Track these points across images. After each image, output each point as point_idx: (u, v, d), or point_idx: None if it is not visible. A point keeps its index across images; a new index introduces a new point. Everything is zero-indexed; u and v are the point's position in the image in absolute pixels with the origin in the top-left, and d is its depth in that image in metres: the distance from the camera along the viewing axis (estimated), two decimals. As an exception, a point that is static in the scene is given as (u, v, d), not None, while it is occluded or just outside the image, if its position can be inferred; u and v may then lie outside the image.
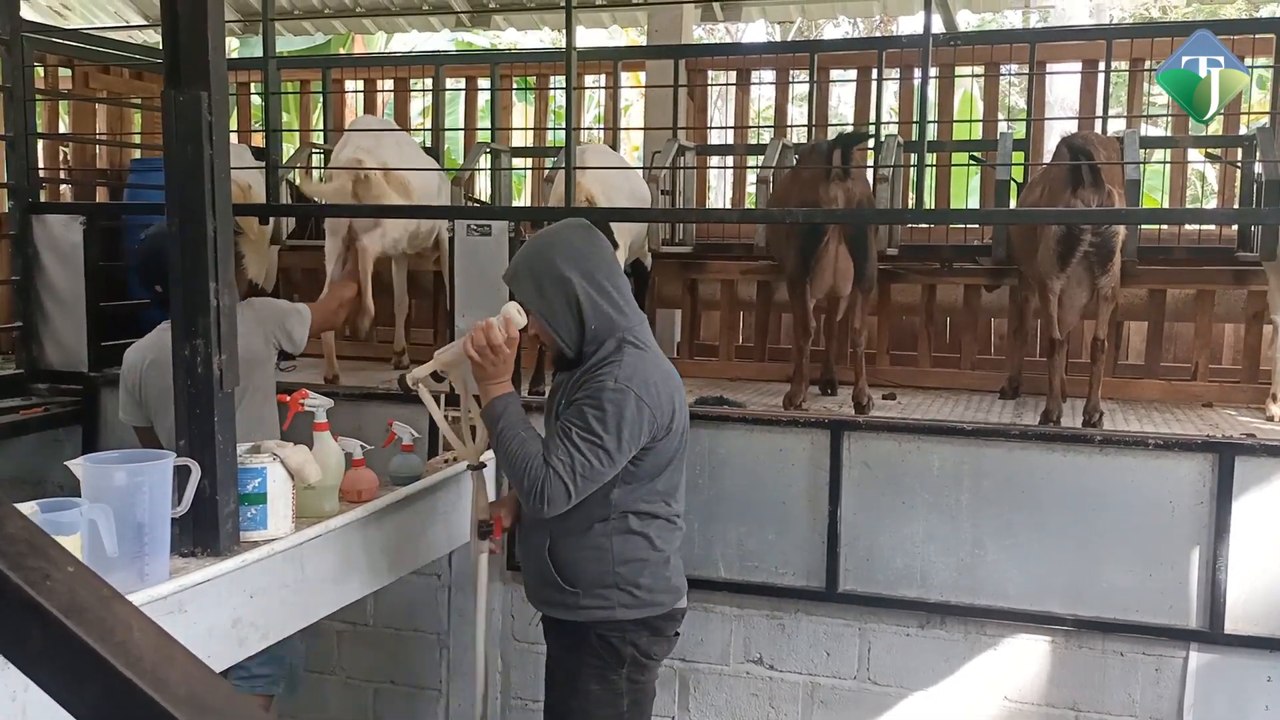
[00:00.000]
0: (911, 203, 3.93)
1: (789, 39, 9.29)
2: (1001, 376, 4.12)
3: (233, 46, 6.27)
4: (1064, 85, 6.00)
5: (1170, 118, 4.65)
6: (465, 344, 2.50)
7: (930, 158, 4.92)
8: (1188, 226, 4.30)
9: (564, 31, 3.48)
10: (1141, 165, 3.88)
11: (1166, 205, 4.61)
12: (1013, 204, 3.92)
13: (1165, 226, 4.24)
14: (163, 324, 3.30)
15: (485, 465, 2.80)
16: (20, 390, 4.18)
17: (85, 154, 5.64)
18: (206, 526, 2.42)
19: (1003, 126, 4.58)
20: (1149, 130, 5.05)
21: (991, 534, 3.19)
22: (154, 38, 7.51)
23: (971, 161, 4.37)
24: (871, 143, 4.08)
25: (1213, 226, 4.33)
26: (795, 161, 3.93)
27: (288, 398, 2.83)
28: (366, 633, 3.88)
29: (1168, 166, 4.68)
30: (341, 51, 9.59)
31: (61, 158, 5.91)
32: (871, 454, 3.27)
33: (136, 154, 5.68)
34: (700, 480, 3.40)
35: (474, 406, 2.73)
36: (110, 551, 2.06)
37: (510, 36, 6.81)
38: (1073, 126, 4.51)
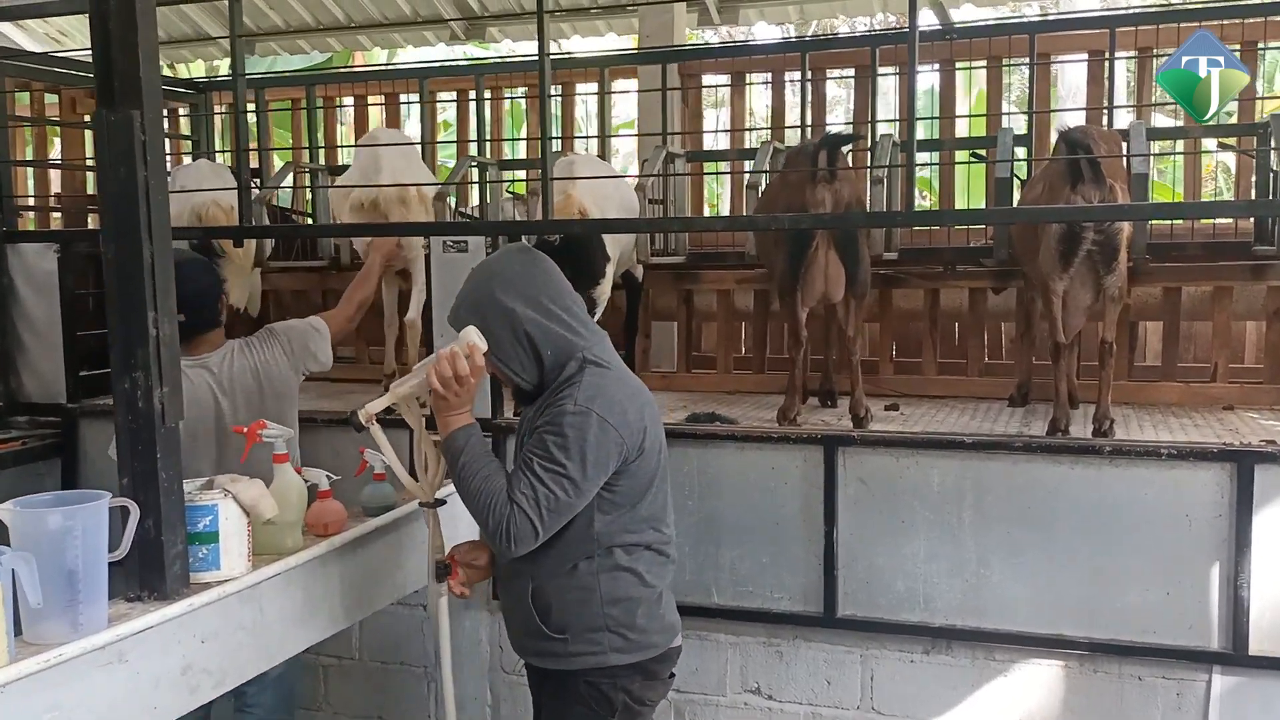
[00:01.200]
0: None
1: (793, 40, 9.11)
2: (1010, 383, 3.94)
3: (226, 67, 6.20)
4: (1076, 77, 5.80)
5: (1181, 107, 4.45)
6: (429, 376, 2.33)
7: (928, 157, 4.80)
8: (1203, 220, 4.10)
9: (560, 40, 3.34)
10: (1150, 158, 3.70)
11: (1182, 199, 4.41)
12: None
13: (1179, 221, 4.05)
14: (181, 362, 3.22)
15: (443, 502, 2.63)
16: (-1, 424, 4.09)
17: (76, 180, 5.57)
18: (153, 569, 2.29)
19: (1005, 122, 4.39)
20: (1162, 121, 4.86)
21: (997, 553, 3.01)
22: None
23: (971, 160, 4.18)
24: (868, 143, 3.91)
25: (1229, 220, 4.13)
26: (783, 165, 3.77)
27: (244, 429, 2.69)
28: (353, 667, 3.75)
29: (1181, 159, 4.48)
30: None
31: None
32: (867, 470, 3.10)
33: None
34: (689, 502, 3.24)
35: (427, 441, 2.56)
36: (34, 602, 1.94)
37: (507, 47, 6.67)
38: (1080, 119, 4.31)
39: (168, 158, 5.64)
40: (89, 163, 5.28)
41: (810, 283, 3.41)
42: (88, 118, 5.40)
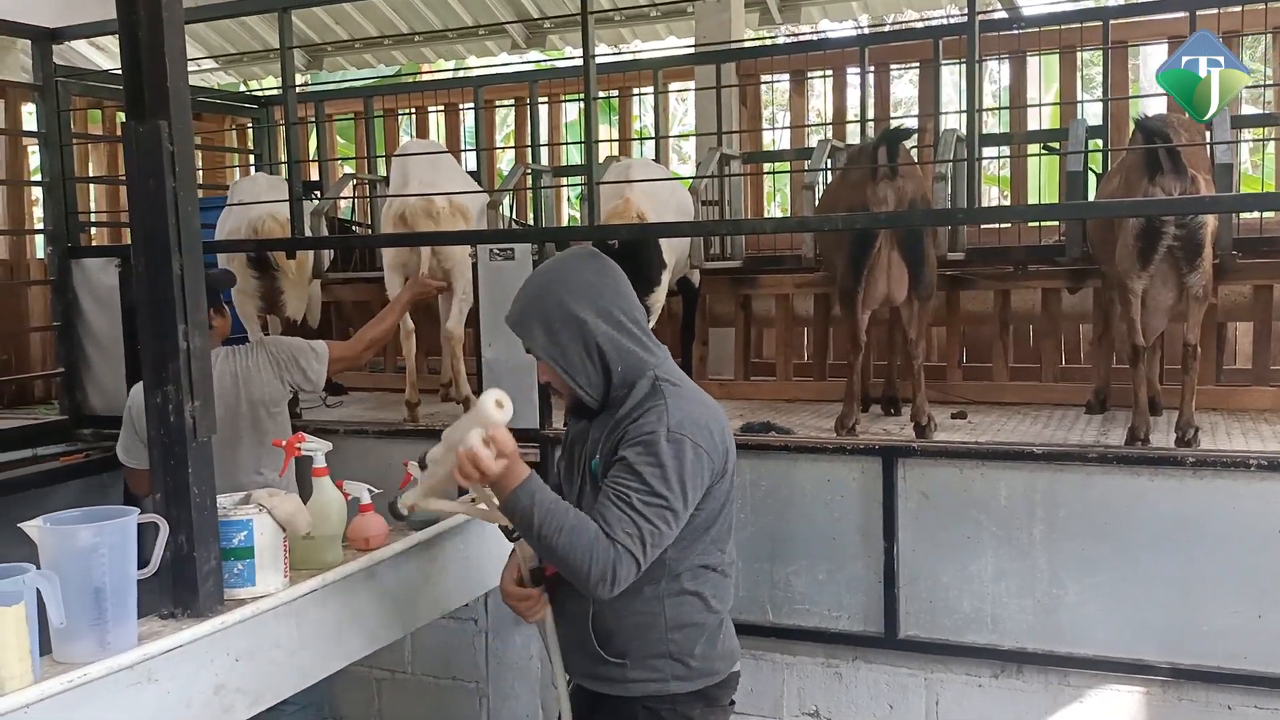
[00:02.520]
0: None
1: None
2: (1088, 388, 3.73)
3: (299, 80, 6.27)
4: (1154, 60, 5.51)
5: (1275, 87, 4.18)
6: (455, 475, 2.09)
7: (996, 152, 4.59)
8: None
9: (620, 46, 3.25)
10: (1236, 147, 3.47)
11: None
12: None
13: (1273, 215, 3.79)
14: None
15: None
16: (65, 436, 4.15)
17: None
18: (185, 586, 2.25)
19: (1078, 113, 4.17)
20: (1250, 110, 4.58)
21: (1071, 571, 2.82)
22: (213, 79, 7.59)
23: (1042, 153, 3.98)
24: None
25: (1327, 211, 3.86)
26: (844, 164, 3.62)
27: (282, 442, 2.65)
28: (406, 681, 3.70)
29: (1272, 149, 4.21)
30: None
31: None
32: (930, 483, 2.94)
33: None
34: (743, 515, 3.11)
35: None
36: (57, 622, 1.91)
37: (570, 54, 6.63)
38: (1161, 107, 4.08)
39: (235, 171, 5.79)
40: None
41: (872, 284, 3.26)
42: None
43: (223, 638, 2.26)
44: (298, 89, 6.00)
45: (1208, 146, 3.04)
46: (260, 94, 5.95)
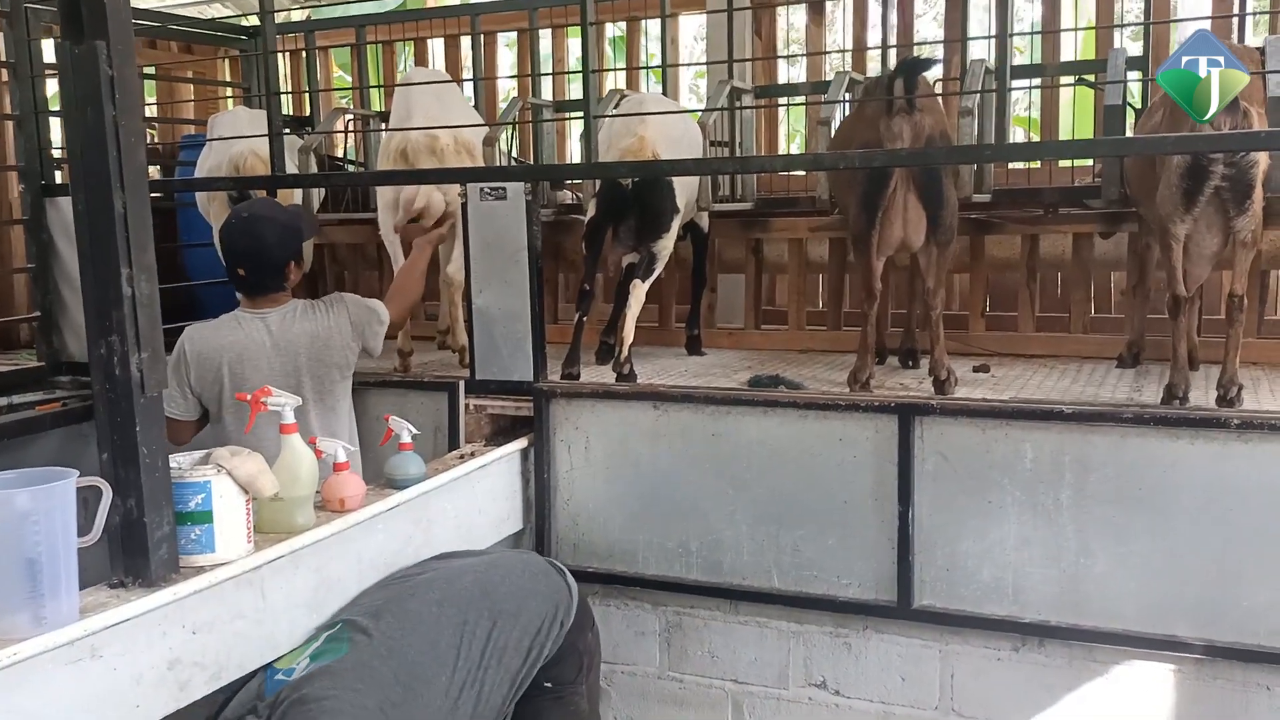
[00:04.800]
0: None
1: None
2: (1120, 341, 3.49)
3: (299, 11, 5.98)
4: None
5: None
6: None
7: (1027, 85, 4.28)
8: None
9: None
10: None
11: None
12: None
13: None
14: (236, 312, 3.10)
15: None
16: (41, 384, 3.97)
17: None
18: (136, 553, 2.08)
19: (1117, 41, 3.88)
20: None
21: (1101, 540, 2.61)
22: (210, 10, 7.31)
23: (1075, 84, 3.69)
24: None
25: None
26: (860, 97, 3.36)
27: (247, 397, 2.45)
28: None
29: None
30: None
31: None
32: (949, 443, 2.72)
33: (190, 129, 5.48)
34: (748, 475, 2.92)
35: None
36: (-21, 596, 1.73)
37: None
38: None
39: (229, 105, 5.54)
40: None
41: (888, 228, 3.02)
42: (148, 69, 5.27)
43: (177, 609, 2.10)
44: (294, 20, 5.76)
45: (1263, 77, 2.76)
46: (250, 25, 5.65)
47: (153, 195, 2.14)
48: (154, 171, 5.34)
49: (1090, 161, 3.69)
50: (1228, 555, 2.51)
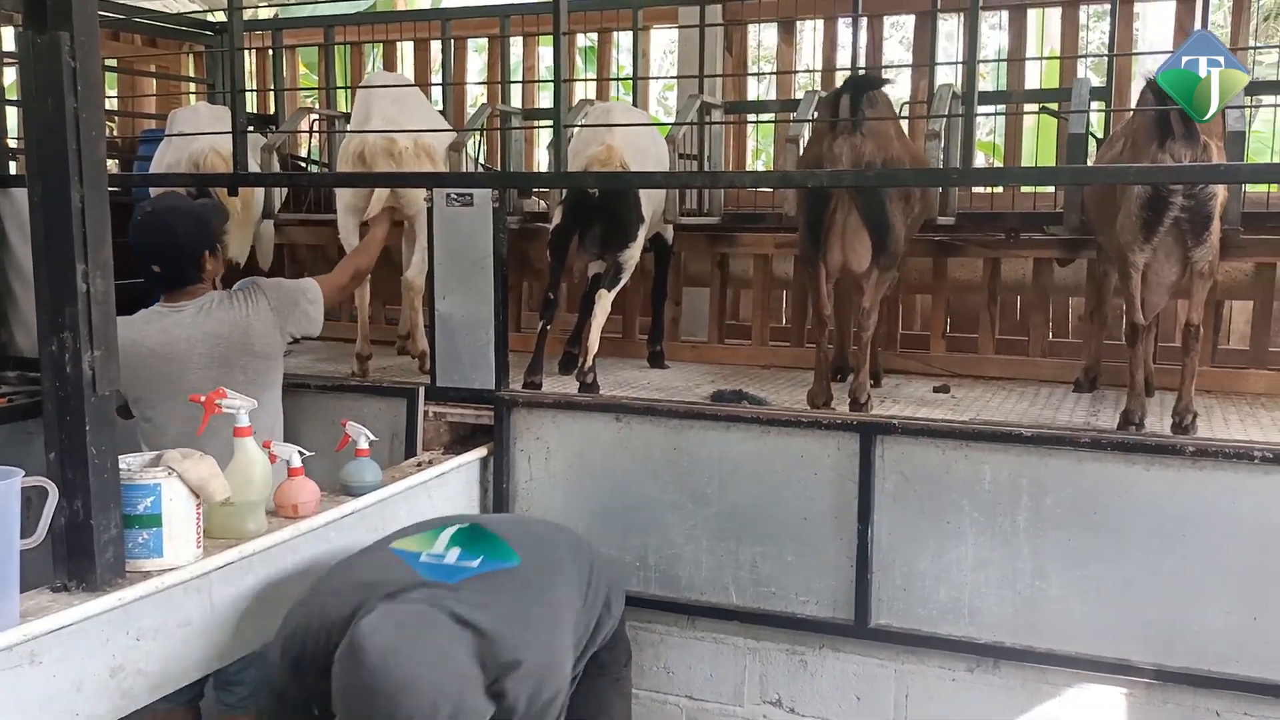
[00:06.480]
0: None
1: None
2: (1076, 365, 3.54)
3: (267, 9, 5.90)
4: (1157, 25, 5.28)
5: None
6: None
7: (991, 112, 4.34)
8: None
9: None
10: (1247, 114, 3.25)
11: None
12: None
13: (1277, 188, 3.58)
14: (155, 307, 3.00)
15: None
16: (-12, 379, 3.87)
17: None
18: (81, 556, 2.02)
19: (1080, 71, 3.93)
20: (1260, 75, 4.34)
21: (1057, 563, 2.63)
22: (176, 4, 7.20)
23: (1040, 112, 3.74)
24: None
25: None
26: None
27: (201, 398, 2.40)
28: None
29: (1277, 118, 3.99)
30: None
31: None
32: (910, 463, 2.73)
33: (151, 124, 5.39)
34: (709, 490, 2.91)
35: None
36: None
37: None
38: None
39: (192, 100, 5.45)
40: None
41: (829, 249, 3.02)
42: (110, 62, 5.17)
43: (123, 614, 2.04)
44: (263, 17, 5.68)
45: (1222, 112, 2.81)
46: (216, 20, 5.58)
47: (111, 190, 2.08)
48: (112, 165, 5.25)
49: (1051, 188, 3.74)
50: (1180, 581, 2.54)
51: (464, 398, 3.20)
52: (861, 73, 3.32)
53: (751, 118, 4.67)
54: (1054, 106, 3.74)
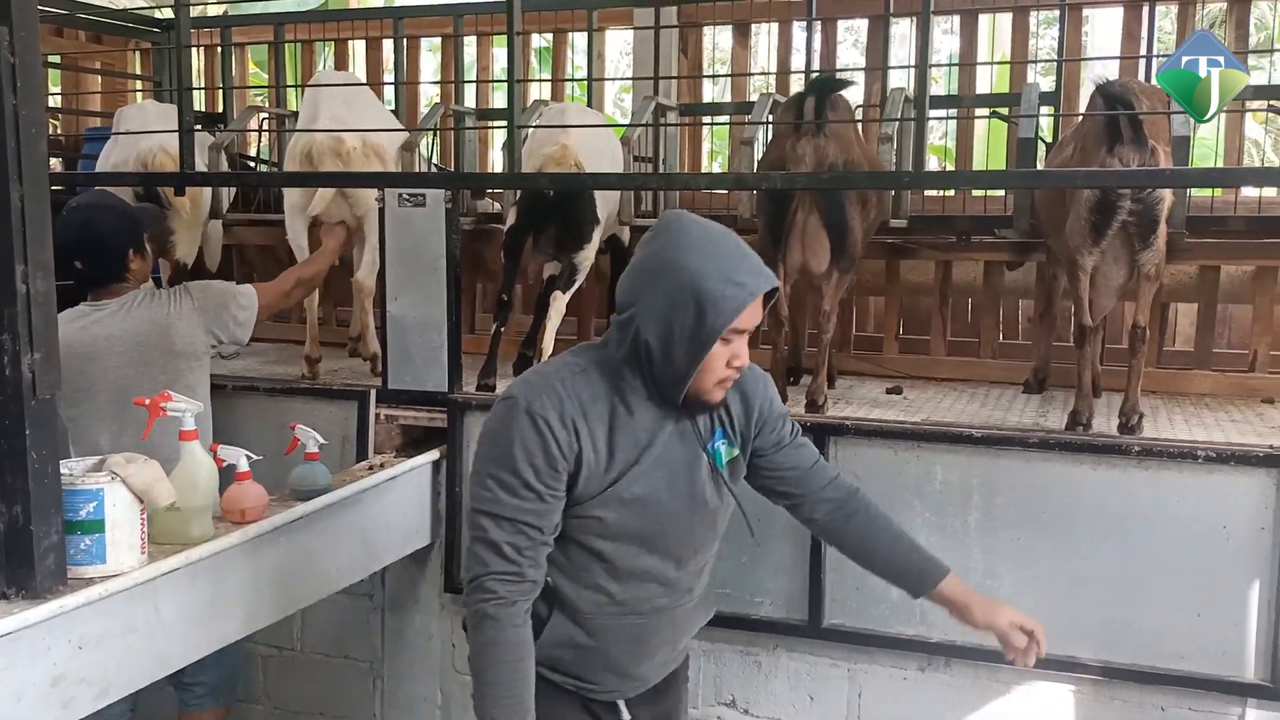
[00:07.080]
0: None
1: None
2: (1026, 367, 3.58)
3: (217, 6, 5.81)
4: (1105, 31, 5.37)
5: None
6: None
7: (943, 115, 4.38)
8: (1245, 193, 3.70)
9: None
10: (1191, 120, 3.30)
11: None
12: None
13: (1220, 192, 3.66)
14: (80, 305, 2.91)
15: None
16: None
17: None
18: (20, 563, 1.97)
19: (1030, 76, 3.99)
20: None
21: (1006, 562, 2.66)
22: (123, 0, 7.07)
23: (990, 116, 3.79)
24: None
25: (1275, 192, 3.74)
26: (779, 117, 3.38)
27: (146, 401, 2.35)
28: (294, 659, 3.44)
29: (1222, 121, 4.07)
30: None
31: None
32: (862, 463, 2.75)
33: (95, 122, 5.29)
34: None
35: None
36: None
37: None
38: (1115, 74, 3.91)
39: (138, 99, 5.35)
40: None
41: (789, 251, 3.03)
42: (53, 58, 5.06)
43: (64, 622, 1.99)
44: (212, 14, 5.60)
45: (1168, 117, 2.87)
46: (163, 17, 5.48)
47: (54, 189, 2.04)
48: (56, 164, 5.14)
49: (1002, 192, 3.79)
50: (1126, 579, 2.59)
51: (416, 400, 3.17)
52: (821, 75, 3.33)
53: (707, 120, 4.68)
54: (1004, 111, 3.79)
